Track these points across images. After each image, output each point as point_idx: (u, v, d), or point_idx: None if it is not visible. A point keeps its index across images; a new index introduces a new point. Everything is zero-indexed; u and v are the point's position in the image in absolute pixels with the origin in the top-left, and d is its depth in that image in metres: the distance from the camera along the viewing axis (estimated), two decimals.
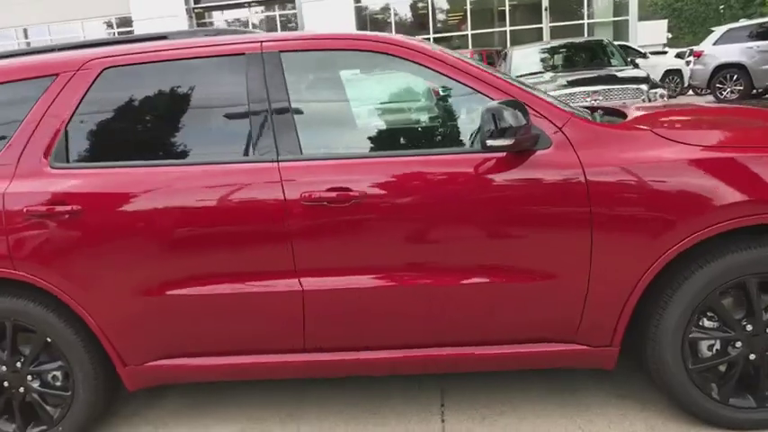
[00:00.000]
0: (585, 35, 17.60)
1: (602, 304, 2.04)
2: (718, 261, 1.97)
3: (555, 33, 17.39)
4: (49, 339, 2.31)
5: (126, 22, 21.67)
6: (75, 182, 2.19)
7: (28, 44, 23.85)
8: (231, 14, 21.45)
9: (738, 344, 2.04)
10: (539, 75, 7.36)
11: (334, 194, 2.03)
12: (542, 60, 8.24)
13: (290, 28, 20.91)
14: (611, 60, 7.85)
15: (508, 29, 20.02)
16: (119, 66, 2.26)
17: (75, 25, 22.66)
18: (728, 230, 1.93)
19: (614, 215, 1.95)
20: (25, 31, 24.23)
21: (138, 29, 20.57)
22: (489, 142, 1.87)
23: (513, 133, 1.86)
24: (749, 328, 2.02)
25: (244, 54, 2.18)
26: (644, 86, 6.29)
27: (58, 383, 2.36)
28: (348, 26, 19.33)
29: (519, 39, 18.40)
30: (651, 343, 2.07)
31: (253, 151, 2.13)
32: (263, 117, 2.13)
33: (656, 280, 2.04)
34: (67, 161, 2.24)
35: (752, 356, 2.05)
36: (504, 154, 2.00)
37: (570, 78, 6.72)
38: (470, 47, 19.36)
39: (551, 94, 6.47)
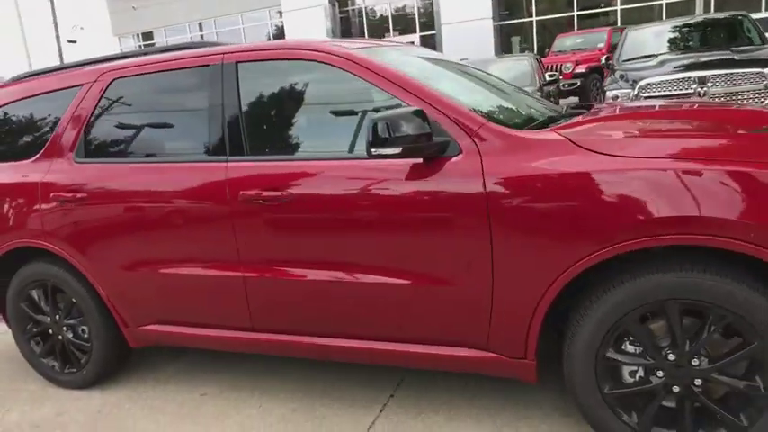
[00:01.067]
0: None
1: (509, 315, 2.00)
2: (634, 282, 1.83)
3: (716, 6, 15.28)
4: (74, 300, 2.86)
5: (277, 14, 23.52)
6: (86, 174, 2.68)
7: (201, 37, 27.03)
8: (371, 1, 22.13)
9: (660, 373, 1.88)
10: (649, 59, 6.67)
11: (266, 194, 2.25)
12: (664, 41, 7.42)
13: (426, 15, 21.04)
14: (750, 38, 6.82)
15: (664, 2, 18.05)
16: (123, 77, 2.69)
17: (235, 18, 25.14)
18: (640, 249, 1.78)
19: (512, 227, 1.90)
20: (200, 24, 27.36)
21: (287, 20, 22.28)
22: (374, 151, 1.93)
23: (403, 142, 1.90)
24: (671, 357, 1.85)
25: (208, 65, 2.47)
26: (767, 70, 5.43)
27: (85, 336, 2.92)
28: (487, 9, 18.91)
29: (674, 12, 16.52)
30: (566, 361, 1.99)
31: (210, 151, 2.42)
32: (219, 121, 2.41)
33: (572, 297, 1.96)
34: (85, 156, 2.73)
35: (675, 388, 1.87)
36: (421, 160, 2.04)
37: (677, 63, 6.02)
38: (619, 23, 17.86)
39: (652, 80, 5.96)
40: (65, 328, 2.95)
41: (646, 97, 5.93)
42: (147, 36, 28.21)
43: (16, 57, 22.96)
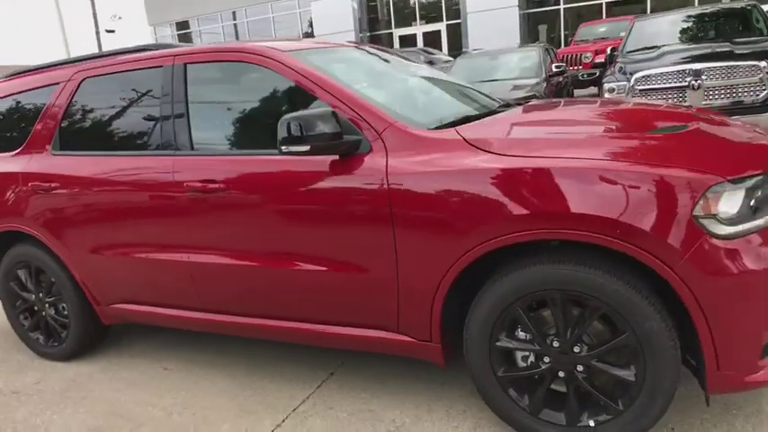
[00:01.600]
0: None
1: (413, 301, 2.15)
2: (518, 273, 1.96)
3: None
4: (53, 280, 3.14)
5: (307, 2, 23.72)
6: (59, 165, 2.94)
7: (235, 26, 27.53)
8: None
9: (546, 359, 2.01)
10: (652, 50, 6.59)
11: (204, 186, 2.45)
12: (671, 32, 7.29)
13: (452, 3, 20.80)
14: (760, 29, 6.65)
15: None
16: (92, 77, 2.93)
17: (265, 6, 25.48)
18: (520, 242, 1.91)
19: (410, 220, 2.04)
20: (234, 13, 27.79)
21: (316, 8, 22.47)
22: (284, 148, 2.10)
23: (312, 140, 2.06)
24: (556, 344, 1.97)
25: (162, 66, 2.68)
26: (763, 63, 5.32)
27: (64, 313, 3.20)
28: None
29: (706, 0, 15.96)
30: (465, 345, 2.13)
31: (162, 146, 2.64)
32: (170, 117, 2.62)
33: (470, 284, 2.10)
34: (60, 149, 2.99)
35: (561, 374, 2.00)
36: (337, 157, 2.20)
37: (677, 55, 5.94)
38: (648, 11, 17.39)
39: (648, 73, 5.90)
40: (47, 306, 3.24)
41: (641, 90, 5.90)
42: (182, 25, 28.87)
43: (55, 47, 23.89)
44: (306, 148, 2.08)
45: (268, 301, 2.50)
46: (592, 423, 1.98)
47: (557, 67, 7.97)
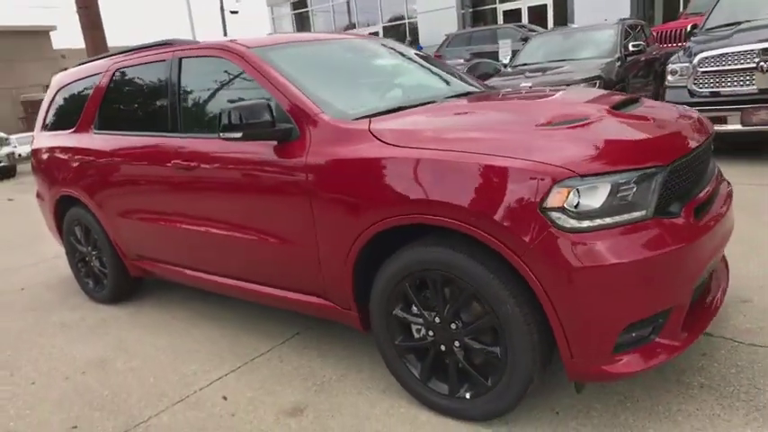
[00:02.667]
0: None
1: (331, 271, 2.42)
2: (405, 252, 2.15)
3: None
4: (96, 237, 3.80)
5: None
6: (97, 142, 3.55)
7: (347, 3, 28.27)
8: None
9: (431, 333, 2.19)
10: (731, 27, 6.00)
11: (182, 163, 2.88)
12: (762, 5, 6.55)
13: (562, 8, 19.63)
14: None
15: None
16: (122, 68, 3.47)
17: None
18: (404, 225, 2.10)
19: (325, 200, 2.30)
20: None
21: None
22: (222, 135, 2.43)
23: (246, 128, 2.38)
24: (437, 320, 2.15)
25: (165, 60, 3.13)
26: None
27: (105, 264, 3.86)
28: None
29: None
30: (371, 315, 2.37)
31: (162, 128, 3.11)
32: (168, 104, 3.08)
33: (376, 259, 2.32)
34: (99, 129, 3.60)
35: (443, 348, 2.17)
36: (276, 143, 2.51)
37: (751, 34, 5.40)
38: None
39: (709, 54, 5.41)
40: (94, 258, 3.93)
41: (704, 72, 5.48)
42: (298, 5, 30.20)
43: (181, 28, 26.14)
44: (239, 134, 2.41)
45: (232, 264, 2.90)
46: (468, 395, 2.14)
47: (634, 46, 7.50)
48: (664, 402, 2.17)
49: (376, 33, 24.86)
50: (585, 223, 1.81)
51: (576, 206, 1.80)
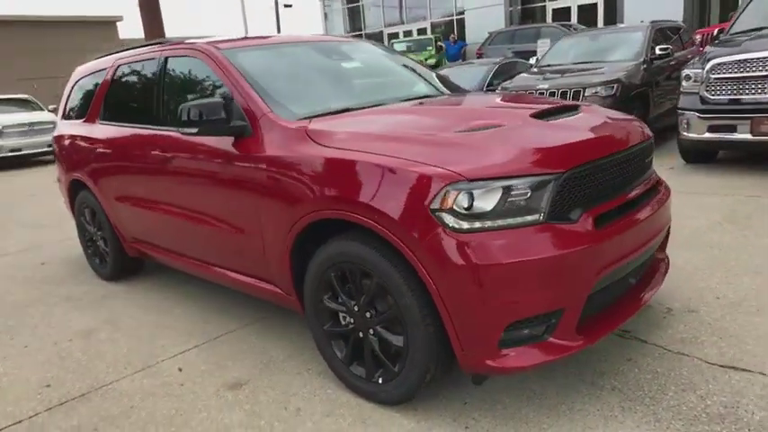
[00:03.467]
0: None
1: (273, 259, 2.62)
2: (329, 245, 2.33)
3: None
4: (96, 216, 4.16)
5: None
6: (101, 132, 3.89)
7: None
8: None
9: (351, 320, 2.36)
10: (755, 32, 5.78)
11: (161, 154, 3.16)
12: None
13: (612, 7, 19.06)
14: None
15: None
16: (123, 64, 3.79)
17: None
18: (325, 219, 2.27)
19: (266, 191, 2.50)
20: None
21: None
22: (180, 130, 2.67)
23: (201, 124, 2.61)
24: (356, 308, 2.31)
25: (155, 59, 3.42)
26: None
27: (107, 246, 4.21)
28: None
29: None
30: (304, 301, 2.55)
31: (149, 120, 3.39)
32: (153, 98, 3.36)
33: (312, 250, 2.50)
34: (102, 119, 3.94)
35: (360, 334, 2.33)
36: (233, 139, 2.73)
37: None
38: None
39: (721, 61, 5.24)
40: (99, 238, 4.29)
41: (716, 79, 5.33)
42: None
43: (235, 22, 26.88)
44: (194, 130, 2.64)
45: (202, 249, 3.17)
46: (380, 381, 2.30)
47: (662, 49, 7.32)
48: (569, 401, 2.26)
49: (424, 29, 24.90)
50: (475, 224, 1.92)
51: (468, 208, 1.92)
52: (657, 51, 7.33)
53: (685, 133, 5.63)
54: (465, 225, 1.92)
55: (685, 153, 6.09)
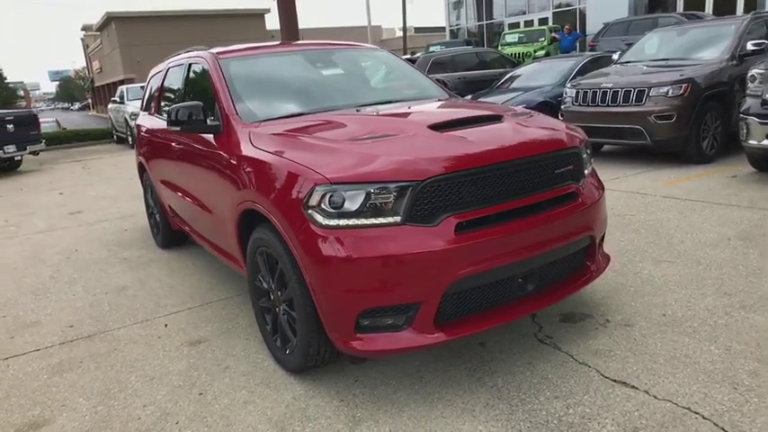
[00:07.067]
0: None
1: (231, 241, 3.08)
2: (255, 232, 2.72)
3: None
4: (152, 194, 4.96)
5: None
6: (153, 123, 4.63)
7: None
8: None
9: (271, 296, 2.74)
10: None
11: (174, 145, 3.76)
12: None
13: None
14: None
15: None
16: (169, 67, 4.48)
17: None
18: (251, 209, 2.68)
19: (225, 182, 2.94)
20: None
21: None
22: (168, 128, 3.20)
23: (184, 123, 3.12)
24: (273, 287, 2.69)
25: (182, 65, 4.03)
26: None
27: (159, 219, 4.99)
28: None
29: None
30: (247, 278, 2.98)
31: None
32: (179, 97, 3.98)
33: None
34: (157, 113, 4.68)
35: (277, 310, 2.71)
36: (212, 135, 3.22)
37: None
38: None
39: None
40: (156, 212, 5.09)
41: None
42: None
43: (359, 14, 27.70)
44: (178, 128, 3.17)
45: (198, 224, 3.74)
46: (288, 351, 2.66)
47: (755, 45, 6.63)
48: (445, 392, 2.44)
49: (545, 19, 24.01)
50: (340, 222, 2.20)
51: (338, 207, 2.19)
52: (749, 47, 6.66)
53: (745, 140, 5.16)
54: (330, 222, 2.21)
55: (752, 161, 5.56)
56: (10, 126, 11.06)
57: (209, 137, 3.22)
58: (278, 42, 3.94)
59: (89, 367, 2.96)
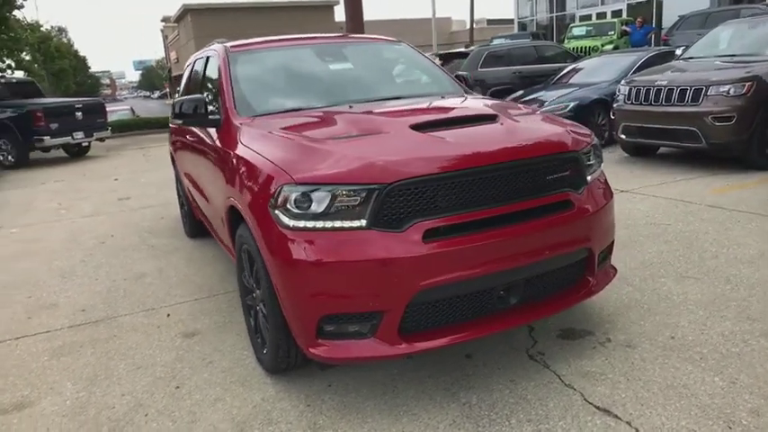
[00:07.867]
0: None
1: (226, 230, 3.09)
2: (239, 228, 2.71)
3: None
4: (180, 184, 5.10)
5: None
6: None
7: None
8: None
9: (254, 295, 2.72)
10: None
11: (190, 139, 3.83)
12: None
13: None
14: None
15: None
16: (194, 60, 4.56)
17: None
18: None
19: (222, 170, 2.94)
20: None
21: None
22: (171, 120, 3.24)
23: (187, 116, 3.15)
24: (253, 285, 2.67)
25: (202, 57, 4.09)
26: None
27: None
28: None
29: None
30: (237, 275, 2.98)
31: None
32: (198, 89, 4.04)
33: None
34: None
35: (257, 308, 2.69)
36: (215, 128, 3.24)
37: None
38: None
39: None
40: (184, 203, 5.23)
41: None
42: None
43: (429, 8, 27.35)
44: (180, 121, 3.21)
45: (207, 217, 3.79)
46: (265, 351, 2.63)
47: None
48: (415, 405, 2.33)
49: (619, 11, 22.86)
50: (304, 223, 2.13)
51: (306, 208, 2.12)
52: None
53: None
54: (294, 223, 2.14)
55: None
56: (78, 113, 11.77)
57: (213, 131, 3.24)
58: (296, 36, 3.91)
59: (86, 352, 3.06)
